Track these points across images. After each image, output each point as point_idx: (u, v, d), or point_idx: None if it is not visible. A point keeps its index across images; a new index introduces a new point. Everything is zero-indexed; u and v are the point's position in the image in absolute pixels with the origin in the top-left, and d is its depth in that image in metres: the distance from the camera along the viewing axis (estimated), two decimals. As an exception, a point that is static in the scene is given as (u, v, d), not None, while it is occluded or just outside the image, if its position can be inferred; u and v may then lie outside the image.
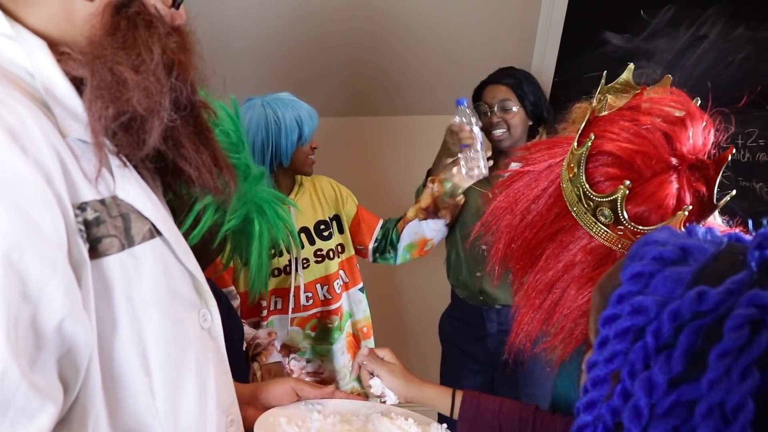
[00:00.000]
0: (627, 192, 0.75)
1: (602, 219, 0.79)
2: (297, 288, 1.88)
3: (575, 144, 0.82)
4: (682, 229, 0.77)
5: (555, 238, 0.84)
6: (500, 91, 2.01)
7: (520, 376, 1.96)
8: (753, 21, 2.49)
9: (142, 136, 0.68)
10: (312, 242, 1.89)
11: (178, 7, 0.75)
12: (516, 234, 0.88)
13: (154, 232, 0.71)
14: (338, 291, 1.94)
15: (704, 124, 0.80)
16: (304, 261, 1.88)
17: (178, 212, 0.86)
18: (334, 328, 1.94)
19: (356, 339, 2.01)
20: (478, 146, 1.86)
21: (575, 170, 0.80)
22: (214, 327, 0.80)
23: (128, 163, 0.71)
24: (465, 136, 1.84)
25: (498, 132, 1.99)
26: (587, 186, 0.79)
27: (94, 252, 0.64)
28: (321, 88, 2.54)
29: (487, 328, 2.02)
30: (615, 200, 0.76)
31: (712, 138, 0.81)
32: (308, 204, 1.94)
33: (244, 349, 1.34)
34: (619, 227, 0.78)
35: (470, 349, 2.07)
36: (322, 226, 1.92)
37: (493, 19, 2.36)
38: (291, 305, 1.87)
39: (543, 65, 2.52)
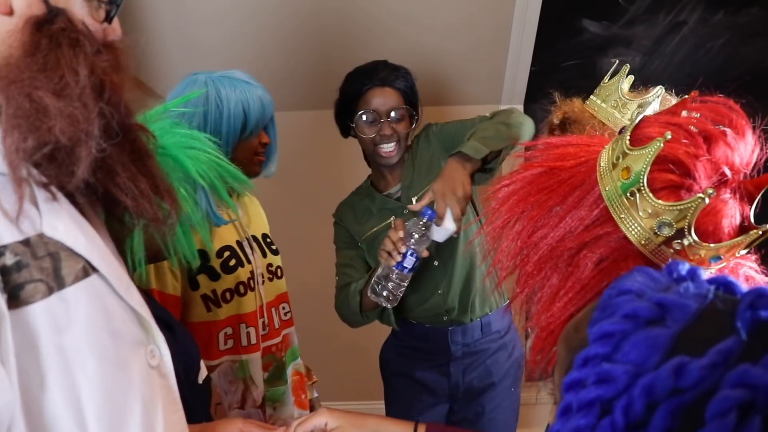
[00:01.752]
0: (707, 201, 0.66)
1: (664, 231, 0.69)
2: (261, 308, 1.51)
3: (627, 142, 0.71)
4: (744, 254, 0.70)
5: (590, 247, 0.74)
6: (391, 97, 1.67)
7: (486, 404, 1.78)
8: (732, 6, 2.44)
9: (70, 168, 0.61)
10: (264, 255, 1.57)
11: (110, 21, 0.69)
12: (533, 241, 0.78)
13: (89, 269, 0.64)
14: (285, 318, 1.61)
15: (751, 137, 0.73)
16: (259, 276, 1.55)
17: (122, 240, 0.80)
18: (286, 362, 1.58)
19: (302, 377, 1.64)
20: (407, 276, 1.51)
21: (631, 173, 0.70)
22: (163, 364, 0.74)
23: (58, 195, 0.64)
24: (389, 255, 1.48)
25: (389, 147, 1.67)
26: (650, 193, 0.69)
27: (15, 301, 0.57)
28: (291, 82, 2.47)
29: (452, 352, 1.76)
30: (687, 210, 0.67)
31: (756, 154, 0.73)
32: (255, 211, 1.63)
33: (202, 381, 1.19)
34: (676, 242, 0.69)
35: (428, 379, 1.80)
36: (268, 239, 1.62)
37: (467, 9, 2.29)
38: (262, 331, 1.49)
39: (520, 54, 2.46)
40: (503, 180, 0.82)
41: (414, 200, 1.68)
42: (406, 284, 1.53)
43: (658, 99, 1.24)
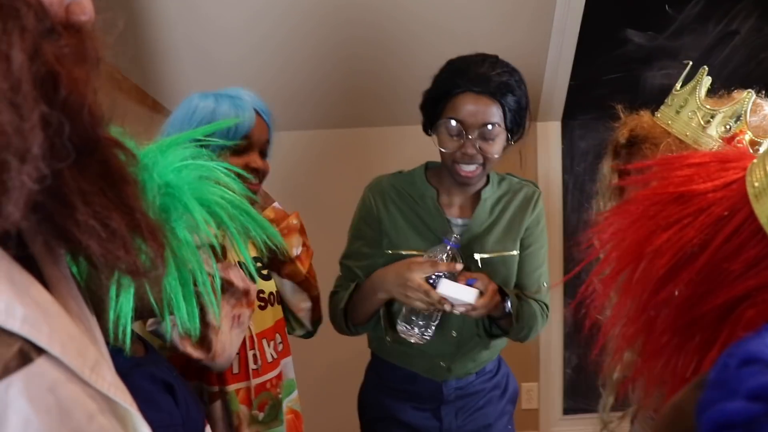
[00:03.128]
0: None
1: None
2: (251, 339, 1.33)
3: None
4: None
5: (751, 303, 0.52)
6: (486, 109, 1.31)
7: None
8: (789, 14, 2.27)
9: None
10: (253, 280, 1.34)
11: None
12: (662, 298, 0.56)
13: (31, 352, 0.44)
14: (281, 349, 1.44)
15: None
16: None
17: (102, 290, 0.63)
18: (282, 400, 1.41)
19: (298, 417, 1.49)
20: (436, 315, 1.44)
21: None
22: None
23: None
24: (432, 301, 1.34)
25: (470, 168, 1.36)
26: None
27: None
28: (315, 99, 2.32)
29: (444, 396, 1.57)
30: None
31: None
32: None
33: None
34: None
35: (417, 423, 1.59)
36: (259, 264, 1.41)
37: (502, 18, 2.14)
38: (254, 365, 1.32)
39: (558, 67, 2.29)
40: (610, 214, 0.60)
41: (478, 254, 1.50)
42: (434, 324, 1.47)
43: (748, 105, 1.05)
